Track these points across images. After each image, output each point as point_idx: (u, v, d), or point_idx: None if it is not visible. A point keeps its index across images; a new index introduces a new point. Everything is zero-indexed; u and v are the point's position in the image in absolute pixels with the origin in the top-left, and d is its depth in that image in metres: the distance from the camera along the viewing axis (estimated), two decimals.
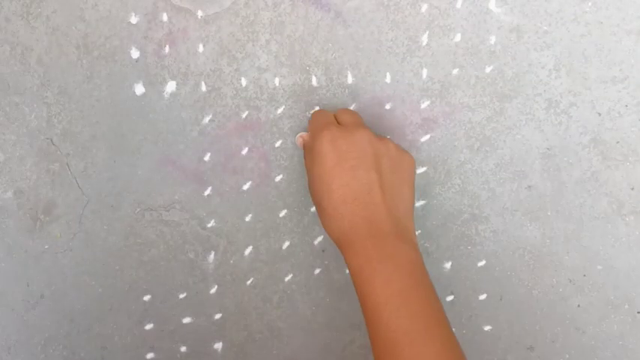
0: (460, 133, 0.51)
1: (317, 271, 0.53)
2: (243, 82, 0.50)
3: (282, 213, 0.52)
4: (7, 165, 0.51)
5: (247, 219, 0.52)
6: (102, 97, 0.50)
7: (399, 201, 0.43)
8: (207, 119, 0.51)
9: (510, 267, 0.53)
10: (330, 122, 0.45)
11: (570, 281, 0.52)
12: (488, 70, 0.50)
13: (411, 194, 0.44)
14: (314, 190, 0.44)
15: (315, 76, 0.50)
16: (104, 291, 0.53)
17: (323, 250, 0.53)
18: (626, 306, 0.52)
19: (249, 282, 0.53)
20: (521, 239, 0.52)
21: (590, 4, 0.48)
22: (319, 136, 0.43)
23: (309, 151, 0.45)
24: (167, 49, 0.49)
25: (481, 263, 0.53)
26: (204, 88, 0.50)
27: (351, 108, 0.51)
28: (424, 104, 0.50)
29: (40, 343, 0.53)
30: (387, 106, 0.51)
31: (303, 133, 0.48)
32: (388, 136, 0.45)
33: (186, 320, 0.53)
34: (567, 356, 0.53)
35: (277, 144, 0.51)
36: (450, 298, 0.53)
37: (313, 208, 0.52)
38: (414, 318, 0.37)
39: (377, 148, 0.43)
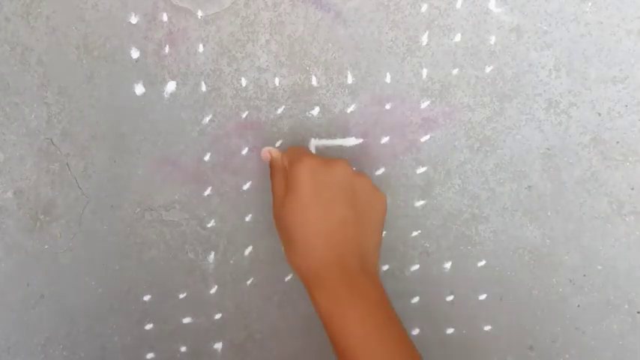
0: (460, 133, 0.51)
1: None
2: (243, 82, 0.50)
3: None
4: (7, 165, 0.51)
5: (247, 219, 0.52)
6: (102, 97, 0.50)
7: (369, 238, 0.43)
8: (207, 119, 0.51)
9: (510, 267, 0.53)
10: (309, 152, 0.44)
11: (570, 281, 0.52)
12: (488, 70, 0.50)
13: (380, 231, 0.44)
14: (285, 219, 0.42)
15: (315, 76, 0.50)
16: (104, 291, 0.53)
17: None
18: (626, 306, 0.52)
19: (249, 282, 0.53)
20: (521, 239, 0.52)
21: (590, 4, 0.48)
22: (298, 165, 0.41)
23: (280, 177, 0.44)
24: (167, 49, 0.49)
25: (481, 263, 0.53)
26: (204, 88, 0.50)
27: (351, 108, 0.51)
28: (424, 104, 0.50)
29: (40, 343, 0.53)
30: (387, 106, 0.51)
31: (271, 149, 0.47)
32: (364, 171, 0.45)
33: (186, 320, 0.53)
34: (567, 356, 0.53)
35: (277, 144, 0.51)
36: (450, 298, 0.53)
37: None
38: (391, 352, 0.38)
39: (354, 183, 0.43)
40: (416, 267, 0.53)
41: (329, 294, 0.39)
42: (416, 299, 0.53)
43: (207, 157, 0.51)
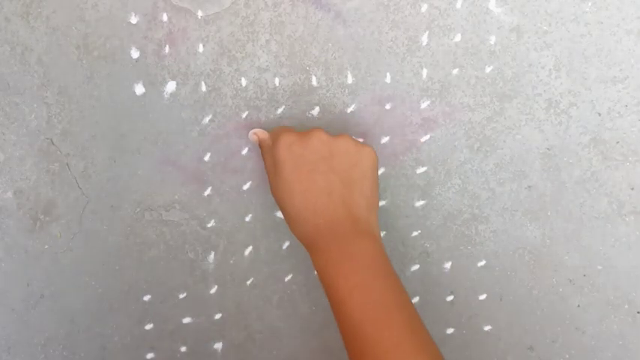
0: (460, 133, 0.51)
1: None
2: (243, 82, 0.50)
3: None
4: (7, 165, 0.51)
5: (247, 219, 0.52)
6: (102, 97, 0.50)
7: (360, 197, 0.44)
8: (207, 119, 0.51)
9: (510, 267, 0.53)
10: (288, 129, 0.46)
11: (570, 281, 0.52)
12: (488, 70, 0.50)
13: (373, 187, 0.45)
14: (276, 196, 0.44)
15: (315, 76, 0.50)
16: (104, 291, 0.53)
17: None
18: (626, 306, 0.52)
19: (249, 282, 0.53)
20: (521, 239, 0.52)
21: (590, 4, 0.48)
22: (277, 144, 0.44)
23: (269, 157, 0.46)
24: (167, 49, 0.49)
25: (481, 263, 0.53)
26: (204, 88, 0.50)
27: (351, 108, 0.51)
28: (424, 104, 0.50)
29: (40, 343, 0.53)
30: (387, 106, 0.51)
31: (258, 130, 0.48)
32: (347, 133, 0.46)
33: (186, 320, 0.53)
34: (567, 356, 0.53)
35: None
36: (450, 298, 0.53)
37: None
38: (374, 306, 0.40)
39: (333, 147, 0.44)
40: (416, 267, 0.53)
41: (322, 256, 0.42)
42: (416, 299, 0.53)
43: (207, 157, 0.51)
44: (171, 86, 0.50)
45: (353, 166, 0.44)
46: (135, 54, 0.49)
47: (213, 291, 0.53)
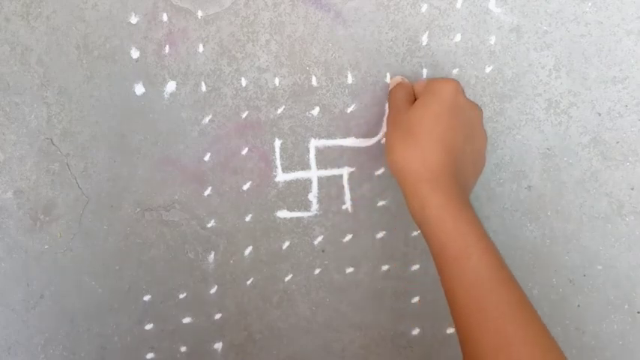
0: None
1: (317, 271, 0.53)
2: (243, 82, 0.50)
3: (282, 213, 0.52)
4: (7, 165, 0.51)
5: (247, 219, 0.52)
6: (102, 97, 0.50)
7: (474, 179, 0.47)
8: (207, 119, 0.51)
9: (510, 267, 0.53)
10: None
11: (570, 281, 0.52)
12: (488, 70, 0.50)
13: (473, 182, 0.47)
14: (415, 112, 0.44)
15: (315, 76, 0.50)
16: (104, 291, 0.53)
17: (323, 250, 0.53)
18: (626, 306, 0.52)
19: (249, 282, 0.53)
20: (521, 239, 0.52)
21: (590, 4, 0.48)
22: (447, 81, 0.44)
23: (404, 86, 0.48)
24: (167, 49, 0.49)
25: None
26: (204, 88, 0.50)
27: (351, 108, 0.51)
28: None
29: (40, 343, 0.53)
30: (387, 106, 0.51)
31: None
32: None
33: (186, 320, 0.53)
34: (567, 356, 0.53)
35: (277, 144, 0.51)
36: None
37: (313, 208, 0.52)
38: (499, 259, 0.42)
39: (481, 131, 0.46)
40: (416, 267, 0.53)
41: (444, 193, 0.41)
42: (416, 299, 0.53)
43: (207, 157, 0.51)
44: (171, 86, 0.50)
45: (482, 164, 0.47)
46: (135, 54, 0.49)
47: (213, 291, 0.53)
